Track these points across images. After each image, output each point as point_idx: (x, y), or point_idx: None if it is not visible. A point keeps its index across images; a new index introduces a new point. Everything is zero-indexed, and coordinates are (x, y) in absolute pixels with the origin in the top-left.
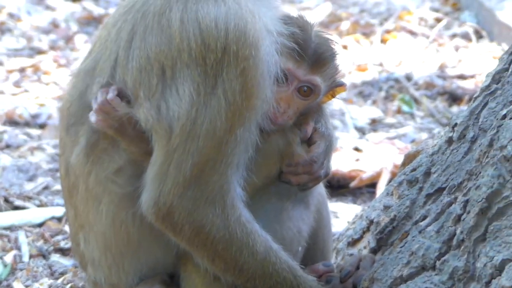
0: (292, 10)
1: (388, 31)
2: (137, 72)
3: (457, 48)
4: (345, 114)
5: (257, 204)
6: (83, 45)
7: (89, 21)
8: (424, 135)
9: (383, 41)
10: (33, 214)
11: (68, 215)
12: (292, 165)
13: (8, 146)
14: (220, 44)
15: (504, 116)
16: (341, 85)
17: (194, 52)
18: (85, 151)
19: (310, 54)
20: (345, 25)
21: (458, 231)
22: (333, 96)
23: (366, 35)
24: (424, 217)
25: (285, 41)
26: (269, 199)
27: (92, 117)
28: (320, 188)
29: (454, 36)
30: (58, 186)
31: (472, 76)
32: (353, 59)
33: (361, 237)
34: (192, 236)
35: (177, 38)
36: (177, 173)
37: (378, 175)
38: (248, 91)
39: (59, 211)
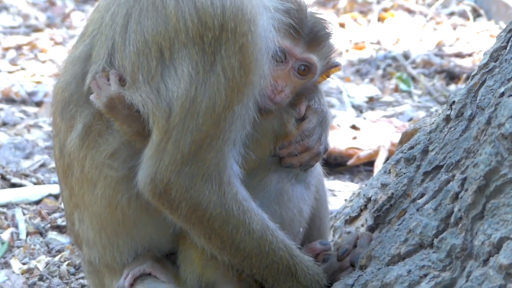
0: None
1: (385, 9)
2: (135, 56)
3: (454, 27)
4: (342, 92)
5: (258, 186)
6: (79, 23)
7: None
8: (421, 114)
9: (381, 19)
10: (30, 191)
11: (63, 195)
12: (285, 146)
13: (4, 124)
14: (217, 22)
15: (502, 94)
16: (337, 65)
17: (191, 31)
18: (81, 135)
19: (307, 32)
20: (342, 3)
21: (455, 209)
22: (328, 76)
23: (364, 13)
24: (422, 195)
25: (282, 17)
26: (270, 181)
27: (91, 96)
28: (318, 168)
29: (451, 14)
30: (54, 164)
31: (470, 55)
32: (351, 37)
33: (358, 215)
34: (189, 213)
35: (173, 18)
36: (175, 150)
37: (375, 153)
38: (246, 67)
39: (56, 188)
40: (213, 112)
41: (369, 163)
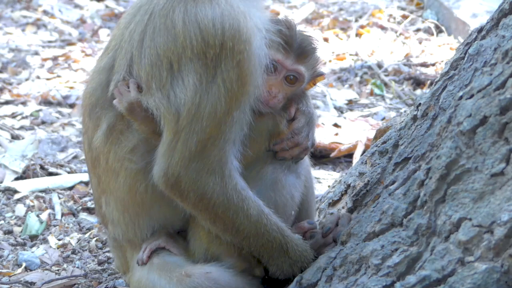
0: (280, 8)
1: (362, 26)
2: (149, 68)
3: (420, 41)
4: (326, 96)
5: (256, 176)
6: (105, 38)
7: (111, 18)
8: (393, 114)
9: (358, 34)
10: (65, 179)
11: (92, 182)
12: (278, 142)
13: (43, 123)
14: (218, 41)
15: (461, 97)
16: (321, 74)
17: (196, 48)
18: (106, 133)
19: (296, 47)
20: (326, 21)
21: (421, 194)
22: (315, 84)
23: (344, 29)
24: (393, 182)
25: (273, 37)
26: (266, 172)
27: (114, 101)
28: (307, 160)
29: (418, 30)
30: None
31: (433, 64)
32: (333, 49)
33: (339, 199)
34: (196, 201)
35: (181, 37)
36: (184, 148)
37: (354, 147)
38: (243, 79)
39: (86, 177)
40: (215, 117)
41: (349, 155)
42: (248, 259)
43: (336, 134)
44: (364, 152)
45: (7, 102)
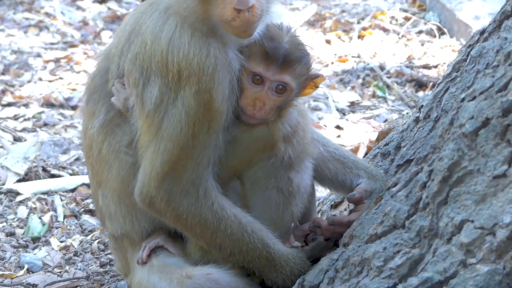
0: (282, 10)
1: (364, 28)
2: (130, 64)
3: (422, 43)
4: (328, 98)
5: (258, 196)
6: (108, 40)
7: (113, 20)
8: (395, 116)
9: (361, 36)
10: (67, 181)
11: (88, 173)
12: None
13: (45, 125)
14: (175, 68)
15: (463, 99)
16: (319, 76)
17: (160, 66)
18: (102, 123)
19: (281, 57)
20: (328, 23)
21: (423, 196)
22: (316, 87)
23: (346, 31)
24: (395, 184)
25: (243, 60)
26: (271, 193)
27: (112, 98)
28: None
29: (420, 32)
30: None
31: (435, 66)
32: (335, 52)
33: (342, 201)
34: (174, 221)
35: (149, 49)
36: (151, 168)
37: (356, 149)
38: (206, 106)
39: (88, 179)
40: (178, 140)
41: None
42: (244, 268)
43: (338, 136)
44: (366, 154)
45: (9, 104)
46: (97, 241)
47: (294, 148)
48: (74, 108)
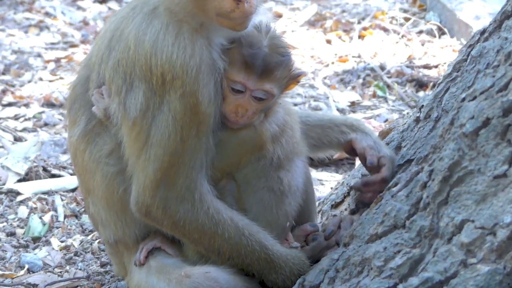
0: (283, 10)
1: (365, 28)
2: (111, 71)
3: (423, 43)
4: (328, 98)
5: (251, 198)
6: None
7: None
8: (395, 116)
9: (361, 36)
10: (67, 181)
11: (78, 180)
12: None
13: (46, 124)
14: (159, 71)
15: (463, 99)
16: (301, 74)
17: (144, 70)
18: (82, 131)
19: (259, 66)
20: (328, 23)
21: (424, 196)
22: (298, 83)
23: (347, 31)
24: (396, 184)
25: (232, 58)
26: (263, 194)
27: (93, 108)
28: (306, 169)
29: (420, 32)
30: None
31: (436, 66)
32: (336, 51)
33: (342, 201)
34: (172, 228)
35: (132, 54)
36: (144, 177)
37: None
38: (192, 109)
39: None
40: (168, 145)
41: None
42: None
43: None
44: None
45: (9, 104)
46: (97, 241)
47: (283, 147)
48: None
